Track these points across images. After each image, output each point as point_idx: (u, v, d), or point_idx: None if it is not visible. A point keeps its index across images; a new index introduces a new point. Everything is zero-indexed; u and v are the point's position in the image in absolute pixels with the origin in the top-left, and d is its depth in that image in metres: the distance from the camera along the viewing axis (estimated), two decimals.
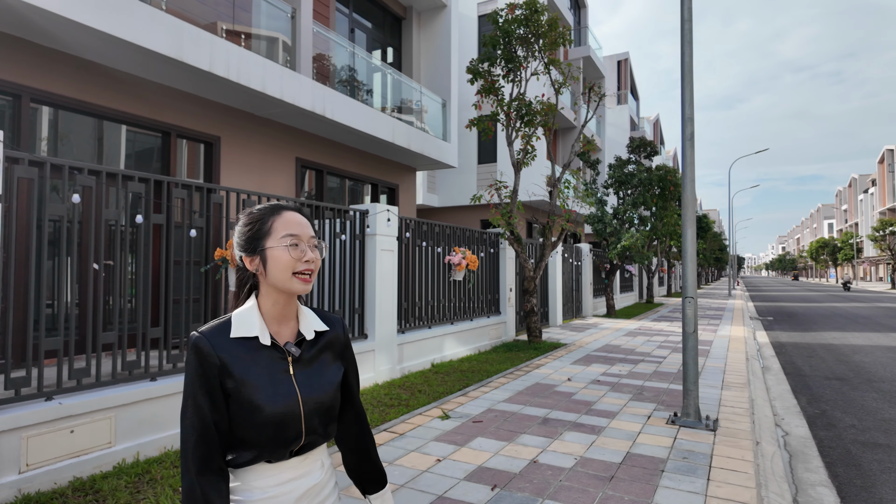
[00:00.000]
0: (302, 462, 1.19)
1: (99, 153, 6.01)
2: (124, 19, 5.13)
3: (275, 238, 1.16)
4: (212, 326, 1.16)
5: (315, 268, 1.19)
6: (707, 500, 3.26)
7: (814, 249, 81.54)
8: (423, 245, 7.67)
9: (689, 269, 5.01)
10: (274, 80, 6.87)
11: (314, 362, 1.22)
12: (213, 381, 1.11)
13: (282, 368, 1.17)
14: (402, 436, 4.43)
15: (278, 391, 1.14)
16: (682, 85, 5.01)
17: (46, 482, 3.34)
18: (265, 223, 1.18)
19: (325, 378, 1.21)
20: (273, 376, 1.15)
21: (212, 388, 1.11)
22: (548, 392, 6.05)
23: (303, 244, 1.17)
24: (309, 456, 1.20)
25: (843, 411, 5.87)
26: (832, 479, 3.96)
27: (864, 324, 15.48)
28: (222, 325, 1.16)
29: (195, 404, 1.10)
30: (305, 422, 1.15)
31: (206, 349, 1.11)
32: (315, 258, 1.18)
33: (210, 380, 1.11)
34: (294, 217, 1.19)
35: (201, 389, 1.10)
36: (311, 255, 1.17)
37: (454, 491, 3.35)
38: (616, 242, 15.20)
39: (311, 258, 1.17)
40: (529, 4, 8.53)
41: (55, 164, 3.54)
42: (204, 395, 1.10)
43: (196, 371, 1.11)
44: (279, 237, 1.16)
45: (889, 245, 44.51)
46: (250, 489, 1.14)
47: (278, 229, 1.17)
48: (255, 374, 1.14)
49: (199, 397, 1.10)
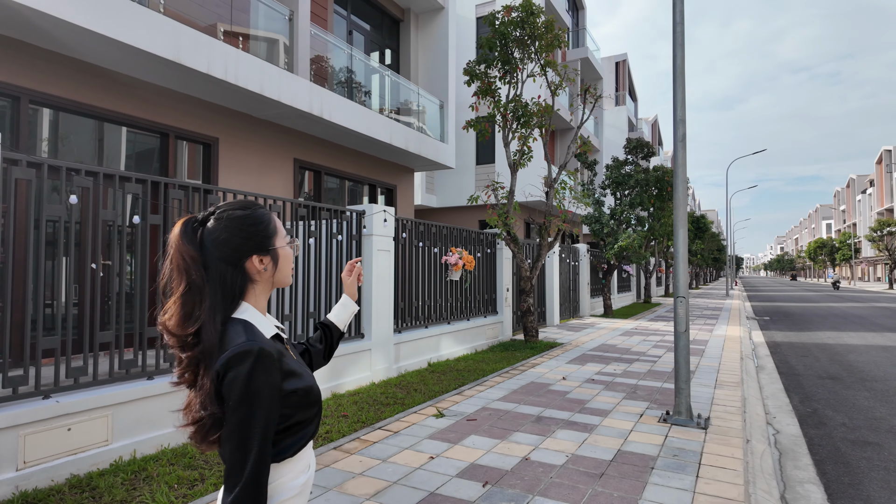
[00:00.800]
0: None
1: (99, 155, 6.06)
2: (123, 22, 5.18)
3: (280, 237, 1.22)
4: (256, 334, 1.13)
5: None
6: (695, 496, 3.31)
7: (812, 250, 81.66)
8: (420, 245, 7.72)
9: (680, 269, 5.07)
10: (272, 81, 6.92)
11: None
12: (278, 392, 1.12)
13: (296, 355, 1.32)
14: (396, 434, 4.48)
15: (310, 373, 1.29)
16: (675, 87, 5.07)
17: (44, 479, 3.39)
18: (271, 222, 1.22)
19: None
20: (300, 362, 1.28)
21: (277, 397, 1.11)
22: (542, 391, 6.10)
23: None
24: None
25: (834, 410, 5.93)
26: (820, 477, 4.01)
27: (860, 324, 15.54)
28: (254, 330, 1.14)
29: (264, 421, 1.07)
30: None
31: (274, 358, 1.11)
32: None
33: (277, 391, 1.11)
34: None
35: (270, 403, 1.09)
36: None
37: (446, 487, 3.40)
38: (613, 243, 15.26)
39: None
40: (525, 7, 8.59)
41: (53, 165, 3.59)
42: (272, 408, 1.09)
43: (268, 384, 1.08)
44: (283, 236, 1.23)
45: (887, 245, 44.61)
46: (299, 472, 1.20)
47: (280, 228, 1.23)
48: (297, 364, 1.24)
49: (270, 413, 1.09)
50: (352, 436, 4.39)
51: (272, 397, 1.09)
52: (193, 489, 3.35)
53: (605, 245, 16.29)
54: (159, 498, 3.20)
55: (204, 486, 3.38)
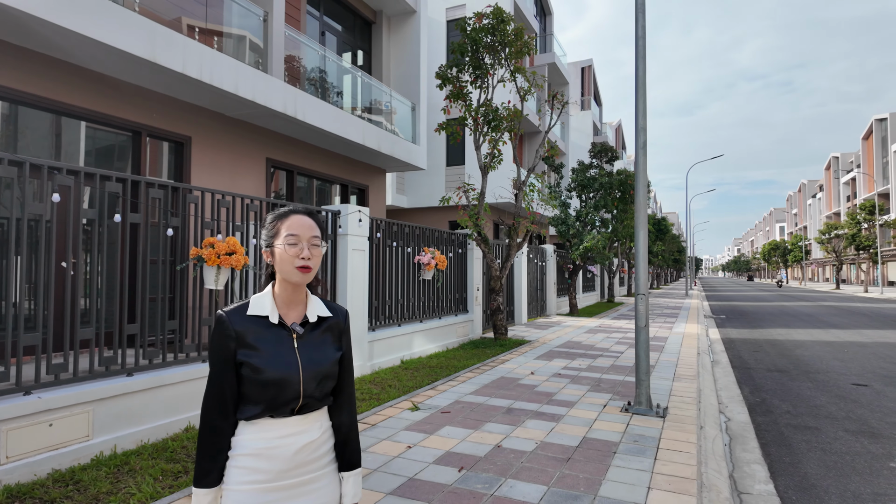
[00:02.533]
0: (301, 420, 1.42)
1: (74, 153, 6.00)
2: (98, 21, 5.18)
3: (280, 238, 1.43)
4: (233, 307, 1.43)
5: (312, 263, 1.42)
6: (653, 476, 3.61)
7: (766, 251, 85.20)
8: (394, 245, 7.89)
9: (640, 269, 5.40)
10: (246, 81, 6.97)
11: (316, 340, 1.46)
12: (227, 351, 1.38)
13: (287, 343, 1.42)
14: (373, 426, 4.65)
15: (280, 360, 1.39)
16: (636, 97, 5.40)
17: (26, 474, 3.43)
18: (275, 226, 1.45)
19: (324, 353, 1.45)
20: (278, 348, 1.40)
21: (226, 356, 1.38)
22: (512, 385, 6.36)
23: (302, 243, 1.41)
24: (308, 416, 1.43)
25: (780, 399, 6.39)
26: (765, 458, 4.38)
27: (808, 321, 16.47)
28: (241, 306, 1.43)
29: (213, 369, 1.39)
30: (304, 385, 1.39)
31: (226, 323, 1.39)
32: (311, 255, 1.41)
33: (225, 349, 1.38)
34: (298, 220, 1.44)
35: (218, 356, 1.38)
36: (307, 252, 1.40)
37: (424, 473, 3.60)
38: (579, 244, 15.72)
39: (307, 255, 1.40)
40: (496, 14, 8.86)
41: (34, 163, 3.62)
42: (220, 361, 1.38)
43: (216, 341, 1.39)
44: (283, 237, 1.42)
45: (834, 248, 47.02)
46: (255, 439, 1.38)
47: (282, 231, 1.43)
48: (263, 345, 1.39)
49: (216, 363, 1.38)
50: None
51: (217, 353, 1.38)
52: (178, 480, 3.45)
53: (570, 246, 16.76)
54: (144, 488, 3.29)
55: (188, 477, 3.48)
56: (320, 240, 1.46)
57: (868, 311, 20.67)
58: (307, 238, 1.42)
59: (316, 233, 1.45)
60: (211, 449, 1.38)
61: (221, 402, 1.38)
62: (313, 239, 1.43)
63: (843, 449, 4.59)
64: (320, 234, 1.46)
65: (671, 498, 3.26)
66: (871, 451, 4.51)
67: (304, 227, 1.42)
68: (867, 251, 40.79)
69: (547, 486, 3.42)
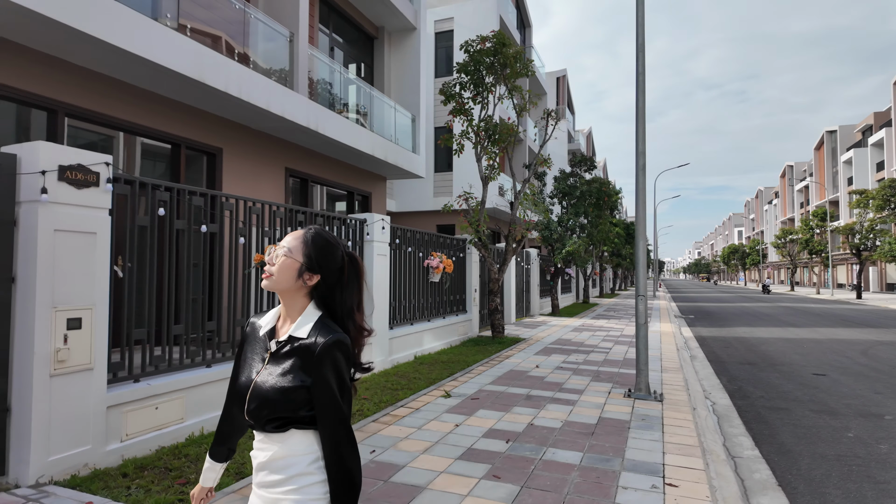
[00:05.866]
0: (263, 438, 1.40)
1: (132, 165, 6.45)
2: (159, 45, 5.69)
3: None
4: (259, 313, 1.54)
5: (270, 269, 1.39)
6: (664, 444, 4.41)
7: (726, 255, 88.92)
8: (410, 250, 8.55)
9: (640, 274, 6.24)
10: (276, 98, 7.53)
11: (281, 361, 1.37)
12: (239, 348, 1.51)
13: (261, 356, 1.42)
14: (418, 410, 5.32)
15: (244, 372, 1.43)
16: (637, 126, 6.24)
17: (142, 449, 3.98)
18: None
19: (276, 378, 1.35)
20: (251, 360, 1.44)
21: (239, 352, 1.51)
22: (523, 377, 7.11)
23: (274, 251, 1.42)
24: (270, 436, 1.38)
25: (753, 387, 7.34)
26: (748, 431, 5.26)
27: (767, 321, 17.84)
28: (263, 313, 1.53)
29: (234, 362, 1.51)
30: (247, 404, 1.38)
31: (244, 326, 1.54)
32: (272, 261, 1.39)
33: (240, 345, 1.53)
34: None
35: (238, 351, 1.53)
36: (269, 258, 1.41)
37: (478, 444, 4.31)
38: (561, 248, 16.66)
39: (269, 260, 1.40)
40: (499, 38, 9.63)
41: (143, 181, 4.17)
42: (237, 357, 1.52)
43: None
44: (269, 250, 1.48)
45: (789, 252, 49.79)
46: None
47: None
48: (247, 354, 1.46)
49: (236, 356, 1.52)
50: (381, 412, 5.19)
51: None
52: None
53: (553, 250, 17.69)
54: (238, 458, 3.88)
55: None
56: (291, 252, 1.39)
57: (821, 312, 22.35)
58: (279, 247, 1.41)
59: (287, 244, 1.40)
60: (219, 429, 1.55)
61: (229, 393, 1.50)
62: (282, 248, 1.40)
63: (809, 424, 5.51)
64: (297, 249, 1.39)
65: (683, 459, 4.06)
66: (832, 426, 5.45)
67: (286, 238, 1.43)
68: (819, 255, 43.44)
69: (582, 452, 4.17)
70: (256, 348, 1.44)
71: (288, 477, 1.35)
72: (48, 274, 3.40)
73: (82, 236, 3.61)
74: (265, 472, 1.38)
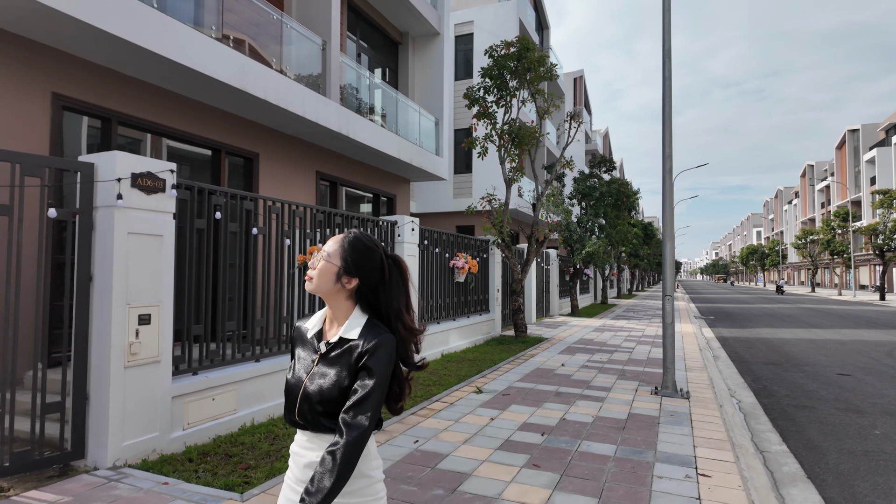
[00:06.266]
0: (309, 437, 1.44)
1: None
2: (202, 55, 5.99)
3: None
4: (306, 316, 1.61)
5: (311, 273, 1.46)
6: (694, 438, 4.57)
7: (745, 255, 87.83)
8: (437, 251, 8.78)
9: (668, 275, 6.39)
10: (311, 104, 7.81)
11: (331, 362, 1.43)
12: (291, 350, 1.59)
13: (311, 358, 1.48)
14: (452, 404, 5.54)
15: (296, 372, 1.47)
16: (664, 131, 6.39)
17: (202, 438, 4.26)
18: None
19: (327, 378, 1.40)
20: (302, 361, 1.49)
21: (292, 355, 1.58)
22: (550, 374, 7.30)
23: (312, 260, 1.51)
24: (314, 436, 1.43)
25: (778, 386, 7.44)
26: (775, 428, 5.39)
27: (790, 322, 17.76)
28: (309, 316, 1.60)
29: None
30: (298, 404, 1.43)
31: (294, 327, 1.60)
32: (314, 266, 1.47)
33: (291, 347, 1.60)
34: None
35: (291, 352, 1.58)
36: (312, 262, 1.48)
37: (515, 436, 4.51)
38: (581, 248, 16.77)
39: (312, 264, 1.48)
40: (523, 42, 9.83)
41: (201, 187, 4.46)
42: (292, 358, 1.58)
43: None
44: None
45: (809, 252, 49.12)
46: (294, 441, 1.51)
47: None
48: (298, 355, 1.52)
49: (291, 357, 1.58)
50: (418, 406, 5.42)
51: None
52: None
53: (572, 251, 17.81)
54: None
55: None
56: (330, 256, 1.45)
57: (843, 313, 22.13)
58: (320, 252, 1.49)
59: (327, 249, 1.47)
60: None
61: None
62: (322, 253, 1.47)
63: (836, 421, 5.62)
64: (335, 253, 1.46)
65: (713, 452, 4.22)
66: (859, 423, 5.55)
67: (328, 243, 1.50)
68: (841, 256, 42.82)
69: (615, 444, 4.36)
70: (306, 351, 1.49)
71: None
72: (123, 273, 3.69)
73: (151, 238, 3.90)
74: (310, 470, 1.41)
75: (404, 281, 1.49)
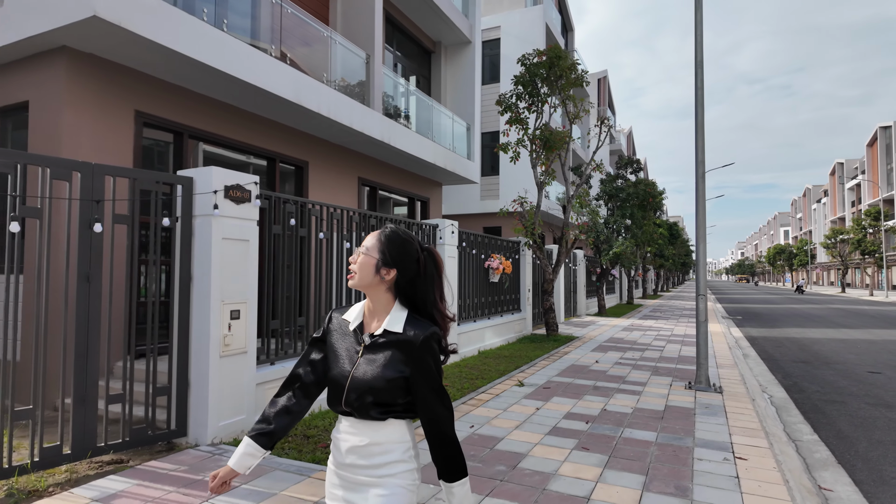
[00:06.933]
0: (353, 424, 1.50)
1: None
2: (264, 73, 6.51)
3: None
4: (341, 307, 1.64)
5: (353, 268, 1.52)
6: (730, 427, 4.90)
7: (772, 255, 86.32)
8: (473, 252, 9.21)
9: (701, 275, 6.70)
10: (357, 115, 8.31)
11: (378, 353, 1.48)
12: (319, 336, 1.61)
13: (354, 349, 1.52)
14: (498, 396, 5.95)
15: (340, 363, 1.51)
16: (696, 137, 6.70)
17: None
18: None
19: (378, 367, 1.46)
20: (345, 353, 1.52)
21: (315, 340, 1.62)
22: (585, 370, 7.66)
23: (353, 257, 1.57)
24: (359, 423, 1.49)
25: (809, 382, 7.67)
26: (807, 420, 5.68)
27: (819, 322, 17.72)
28: (345, 308, 1.63)
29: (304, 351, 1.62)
30: (346, 394, 1.47)
31: (328, 318, 1.63)
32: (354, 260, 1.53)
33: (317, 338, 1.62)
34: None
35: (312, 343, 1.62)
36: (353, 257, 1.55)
37: (561, 423, 4.91)
38: (608, 249, 17.01)
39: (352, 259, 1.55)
40: (555, 51, 10.19)
41: (276, 196, 4.95)
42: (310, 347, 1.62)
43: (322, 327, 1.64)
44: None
45: (840, 252, 48.23)
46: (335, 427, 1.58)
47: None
48: (337, 346, 1.55)
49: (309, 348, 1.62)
50: (466, 397, 5.85)
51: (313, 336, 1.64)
52: None
53: (599, 251, 18.05)
54: None
55: None
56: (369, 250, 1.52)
57: (874, 314, 21.90)
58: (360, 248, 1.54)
59: (365, 244, 1.54)
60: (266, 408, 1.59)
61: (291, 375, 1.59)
62: (362, 248, 1.54)
63: (866, 415, 5.88)
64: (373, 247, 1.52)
65: (748, 440, 4.56)
66: (889, 417, 5.80)
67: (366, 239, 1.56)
68: (872, 256, 41.99)
69: (656, 432, 4.72)
70: (346, 342, 1.53)
71: (385, 462, 1.47)
72: (219, 274, 4.19)
73: (239, 243, 4.39)
74: (356, 456, 1.48)
75: (438, 272, 1.56)
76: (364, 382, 1.44)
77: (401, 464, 1.48)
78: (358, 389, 1.44)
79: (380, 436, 1.47)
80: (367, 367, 1.46)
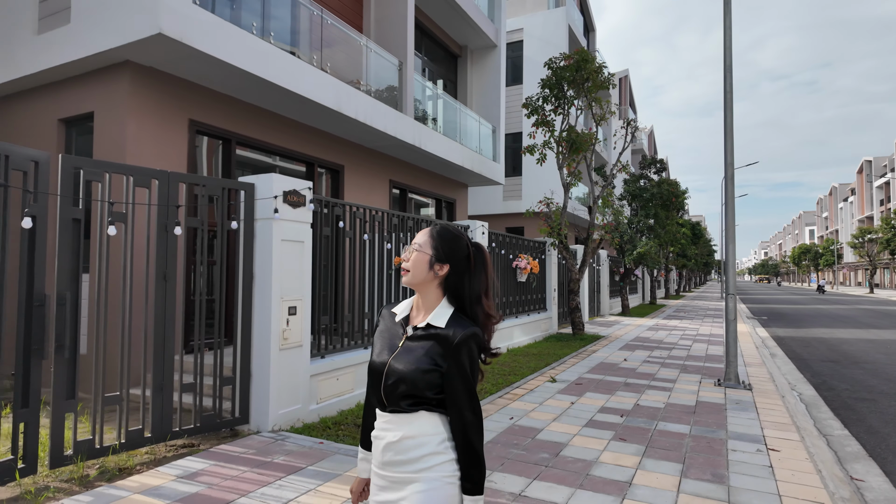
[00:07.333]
0: (390, 418, 1.49)
1: None
2: (308, 82, 6.84)
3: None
4: (394, 302, 1.67)
5: (407, 265, 1.53)
6: (761, 421, 5.07)
7: (796, 255, 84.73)
8: (501, 252, 9.45)
9: (730, 275, 6.85)
10: (390, 121, 8.61)
11: (415, 346, 1.49)
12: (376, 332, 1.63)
13: (397, 339, 1.54)
14: (532, 391, 6.19)
15: (381, 351, 1.54)
16: (725, 140, 6.85)
17: (329, 411, 5.06)
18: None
19: (414, 358, 1.46)
20: (388, 342, 1.55)
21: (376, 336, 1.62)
22: (614, 368, 7.84)
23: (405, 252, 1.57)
24: (395, 416, 1.48)
25: (838, 381, 7.75)
26: (836, 416, 5.81)
27: (847, 322, 17.55)
28: (397, 303, 1.65)
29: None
30: (384, 380, 1.48)
31: (381, 312, 1.68)
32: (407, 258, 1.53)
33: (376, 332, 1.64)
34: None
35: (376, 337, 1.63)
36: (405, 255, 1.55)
37: (597, 417, 5.13)
38: (632, 249, 17.09)
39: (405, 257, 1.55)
40: (582, 54, 10.37)
41: (325, 200, 5.26)
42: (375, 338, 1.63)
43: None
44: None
45: (868, 252, 47.25)
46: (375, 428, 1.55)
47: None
48: (382, 337, 1.58)
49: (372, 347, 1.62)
50: (501, 392, 6.10)
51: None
52: None
53: (623, 251, 18.12)
54: None
55: None
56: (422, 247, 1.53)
57: None
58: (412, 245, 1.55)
59: (418, 241, 1.54)
60: (364, 420, 1.64)
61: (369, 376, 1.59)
62: (414, 245, 1.54)
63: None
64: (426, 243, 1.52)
65: (779, 433, 4.73)
66: None
67: (417, 236, 1.57)
68: None
69: (689, 425, 4.92)
70: (392, 333, 1.56)
71: (420, 456, 1.44)
72: (279, 273, 4.51)
73: (296, 244, 4.71)
74: (392, 452, 1.46)
75: (486, 267, 1.55)
76: (400, 370, 1.45)
77: (437, 455, 1.45)
78: (394, 375, 1.45)
79: (412, 429, 1.45)
80: (406, 357, 1.47)
